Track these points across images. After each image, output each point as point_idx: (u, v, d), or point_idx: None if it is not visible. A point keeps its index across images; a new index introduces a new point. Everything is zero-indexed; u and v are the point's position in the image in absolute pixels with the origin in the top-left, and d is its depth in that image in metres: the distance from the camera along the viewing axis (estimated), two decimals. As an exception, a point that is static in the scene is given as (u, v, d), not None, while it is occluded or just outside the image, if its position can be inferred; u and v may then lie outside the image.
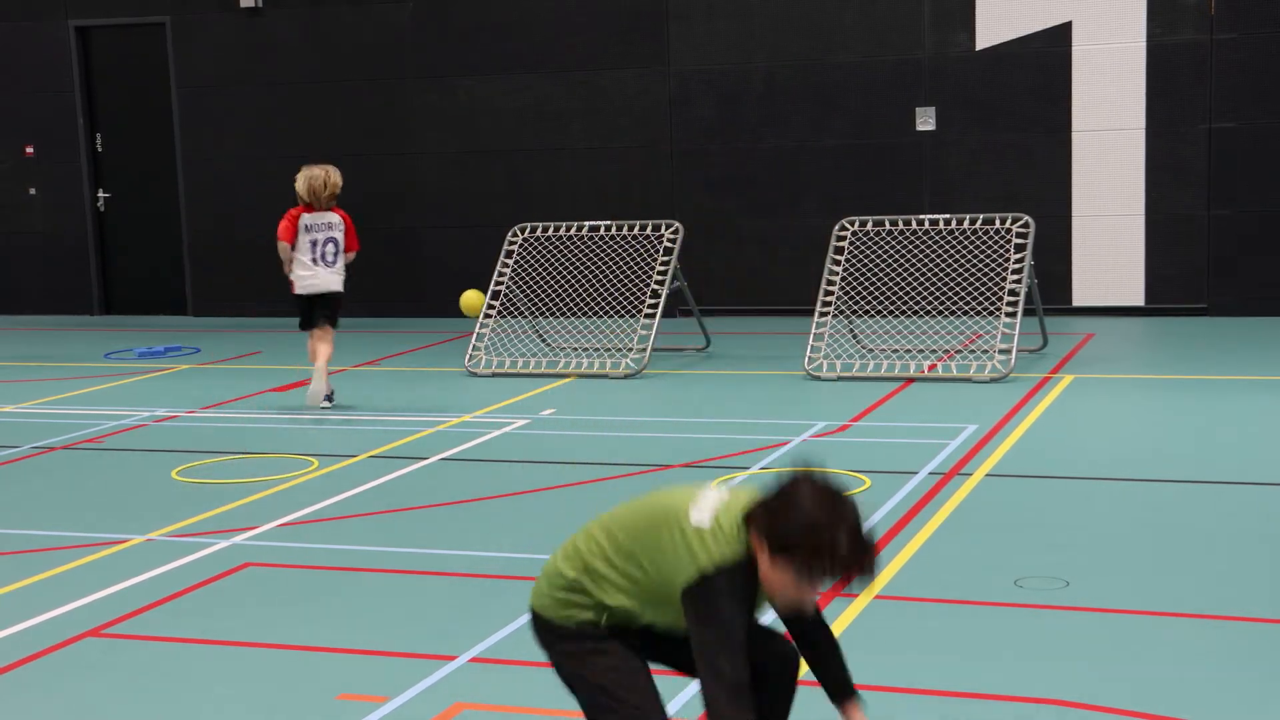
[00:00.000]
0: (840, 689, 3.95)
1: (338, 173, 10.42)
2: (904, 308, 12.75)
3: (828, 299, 11.34)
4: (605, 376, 11.35)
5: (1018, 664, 5.11)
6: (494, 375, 11.52)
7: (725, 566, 3.60)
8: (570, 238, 12.88)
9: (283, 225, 10.29)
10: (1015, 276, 11.03)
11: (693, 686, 4.99)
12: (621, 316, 12.83)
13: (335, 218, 10.37)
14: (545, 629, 3.95)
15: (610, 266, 12.98)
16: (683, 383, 11.13)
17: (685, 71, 14.42)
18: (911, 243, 12.64)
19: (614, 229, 12.58)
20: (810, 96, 14.13)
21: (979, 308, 12.08)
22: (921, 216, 11.98)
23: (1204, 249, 13.32)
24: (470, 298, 11.16)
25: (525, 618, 5.69)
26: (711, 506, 3.72)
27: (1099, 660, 5.12)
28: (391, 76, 15.23)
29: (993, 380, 10.46)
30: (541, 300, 13.32)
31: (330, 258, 10.39)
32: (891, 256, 12.58)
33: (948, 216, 11.86)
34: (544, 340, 12.52)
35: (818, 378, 10.85)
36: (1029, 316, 11.31)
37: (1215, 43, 13.09)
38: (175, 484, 8.31)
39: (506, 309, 12.63)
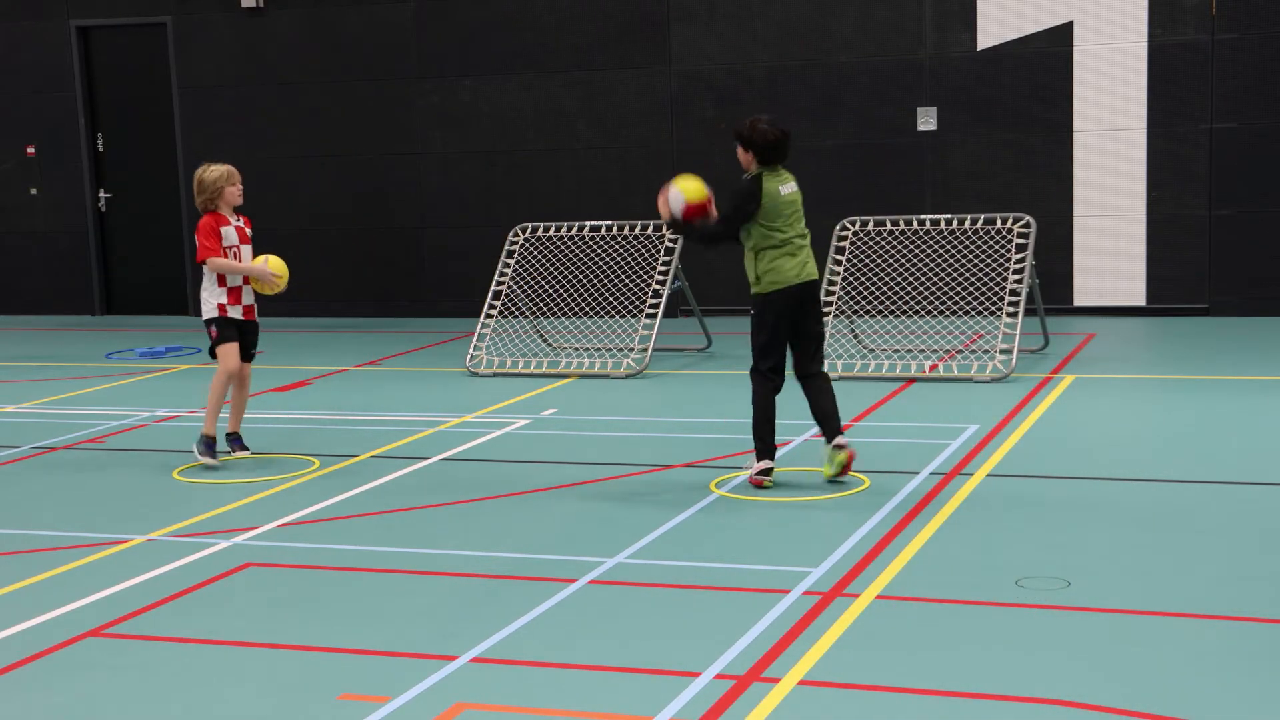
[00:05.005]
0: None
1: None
2: (905, 308, 12.75)
3: (829, 299, 11.34)
4: (606, 376, 11.35)
5: (1018, 664, 5.11)
6: (495, 375, 11.52)
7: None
8: (571, 238, 12.89)
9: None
10: (1016, 276, 11.03)
11: (692, 688, 4.99)
12: (622, 316, 12.84)
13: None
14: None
15: (611, 266, 12.98)
16: (683, 383, 11.12)
17: (686, 72, 14.42)
18: (913, 243, 12.64)
19: (615, 229, 12.58)
20: (811, 97, 14.13)
21: (980, 308, 12.09)
22: (923, 216, 11.98)
23: (1204, 249, 13.32)
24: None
25: (526, 618, 5.72)
26: None
27: (1100, 660, 5.12)
28: (393, 76, 15.24)
29: (994, 380, 10.46)
30: (543, 300, 13.33)
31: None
32: (893, 256, 12.58)
33: (949, 217, 11.86)
34: (545, 340, 12.53)
35: (818, 378, 10.83)
36: (1030, 316, 11.33)
37: (1216, 43, 13.09)
38: (176, 484, 8.32)
39: (508, 309, 12.64)
